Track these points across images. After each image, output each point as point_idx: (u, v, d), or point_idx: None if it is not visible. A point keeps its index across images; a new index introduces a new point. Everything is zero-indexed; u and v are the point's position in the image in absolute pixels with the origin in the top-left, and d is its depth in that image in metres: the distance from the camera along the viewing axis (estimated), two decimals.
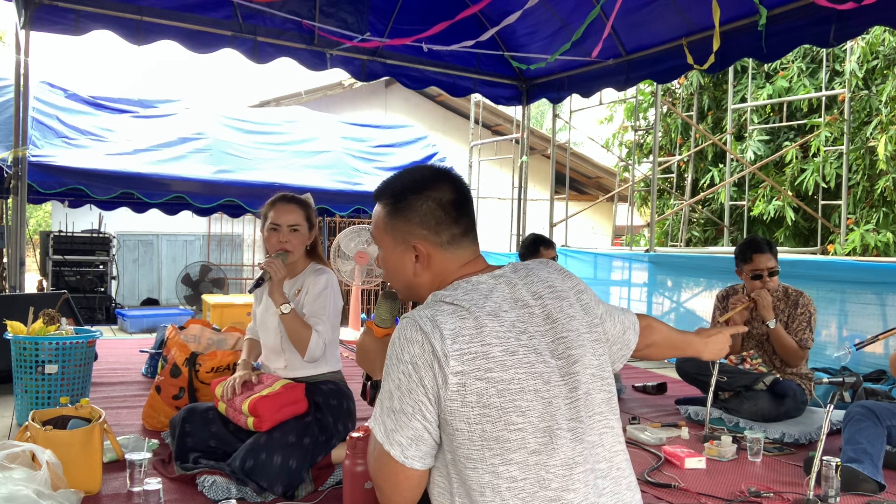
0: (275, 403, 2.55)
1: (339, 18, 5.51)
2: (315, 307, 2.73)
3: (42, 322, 3.36)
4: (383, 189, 1.55)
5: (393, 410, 1.35)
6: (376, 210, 1.55)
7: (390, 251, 1.52)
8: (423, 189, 1.49)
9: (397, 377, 1.35)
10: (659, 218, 9.53)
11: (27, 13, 4.65)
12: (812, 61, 8.55)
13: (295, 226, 2.77)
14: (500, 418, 1.30)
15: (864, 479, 2.64)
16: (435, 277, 1.50)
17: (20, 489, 2.04)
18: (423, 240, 1.48)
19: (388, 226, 1.51)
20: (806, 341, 3.64)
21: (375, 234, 1.56)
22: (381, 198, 1.54)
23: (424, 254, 1.48)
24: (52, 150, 6.13)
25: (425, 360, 1.33)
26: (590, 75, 6.12)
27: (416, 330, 1.34)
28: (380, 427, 1.37)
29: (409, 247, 1.49)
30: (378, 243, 1.55)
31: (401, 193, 1.50)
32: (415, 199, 1.49)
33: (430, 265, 1.49)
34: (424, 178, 1.51)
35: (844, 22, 4.16)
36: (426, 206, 1.48)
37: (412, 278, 1.51)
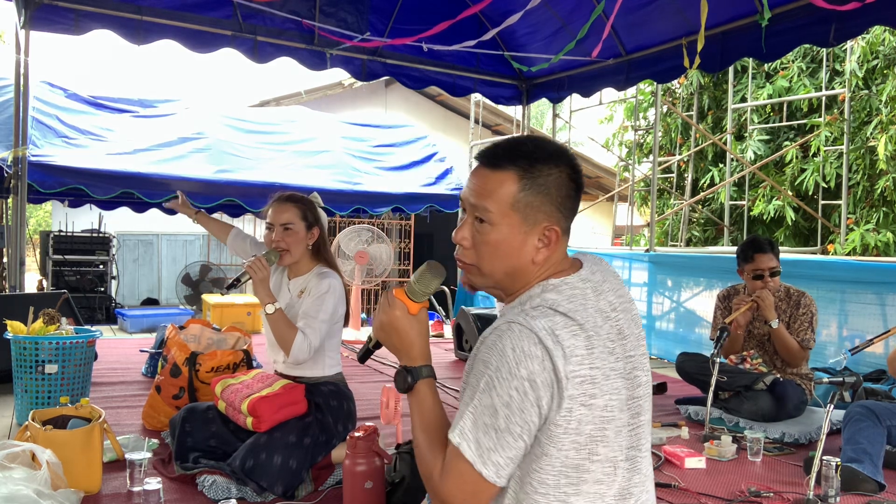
0: (274, 404, 2.55)
1: (339, 18, 5.51)
2: (309, 310, 2.70)
3: (42, 322, 3.36)
4: (512, 152, 1.29)
5: (496, 429, 1.19)
6: (496, 179, 1.28)
7: (513, 230, 1.28)
8: (558, 160, 1.29)
9: (507, 393, 1.18)
10: (659, 218, 9.53)
11: (27, 13, 4.64)
12: (812, 61, 8.55)
13: (288, 224, 2.75)
14: (585, 446, 1.22)
15: (864, 479, 2.64)
16: (546, 265, 1.32)
17: (20, 489, 2.04)
18: (556, 223, 1.29)
19: (522, 200, 1.27)
20: (808, 341, 3.64)
21: (491, 208, 1.28)
22: (510, 162, 1.28)
23: (554, 238, 1.29)
24: (52, 150, 6.12)
25: (545, 378, 1.18)
26: (590, 75, 6.12)
27: (534, 343, 1.18)
28: (471, 445, 1.20)
29: (537, 228, 1.29)
30: (491, 219, 1.29)
31: (538, 160, 1.28)
32: (555, 169, 1.28)
33: (552, 251, 1.31)
34: (560, 152, 1.31)
35: (844, 22, 4.16)
36: (565, 182, 1.29)
37: (526, 265, 1.30)
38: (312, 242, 2.83)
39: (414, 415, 1.35)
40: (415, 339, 1.38)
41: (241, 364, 3.37)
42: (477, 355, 1.25)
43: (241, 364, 3.37)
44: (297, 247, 2.79)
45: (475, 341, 6.12)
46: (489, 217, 1.29)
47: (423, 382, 1.36)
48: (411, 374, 1.36)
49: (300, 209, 2.80)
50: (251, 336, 3.70)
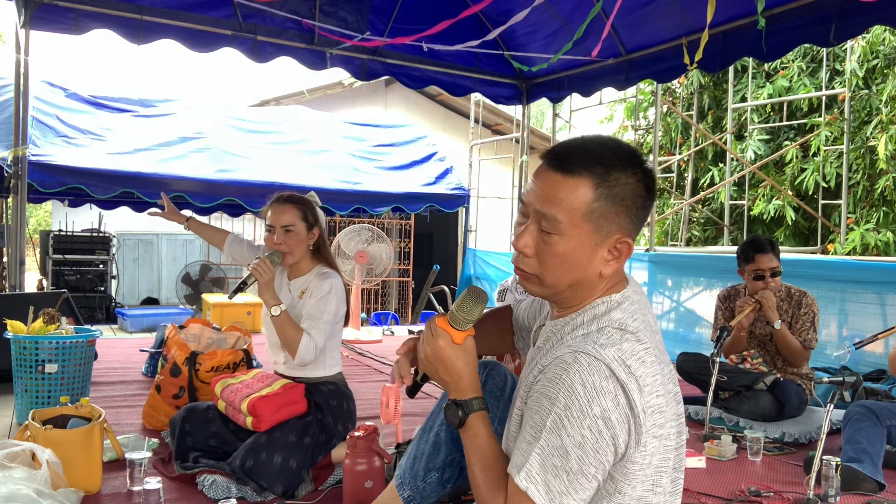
0: (273, 403, 2.55)
1: (339, 18, 5.51)
2: (313, 311, 2.70)
3: (42, 321, 3.36)
4: (587, 156, 1.18)
5: (568, 471, 1.09)
6: (569, 185, 1.17)
7: (583, 241, 1.19)
8: (634, 165, 1.19)
9: (579, 433, 1.09)
10: (659, 217, 9.53)
11: (27, 12, 4.64)
12: (812, 61, 8.55)
13: (289, 226, 2.74)
14: (649, 479, 1.16)
15: (863, 479, 2.64)
16: (610, 278, 1.24)
17: (20, 488, 2.04)
18: (629, 235, 1.20)
19: (596, 210, 1.17)
20: (810, 341, 3.64)
21: (561, 217, 1.18)
22: (588, 169, 1.17)
23: (626, 251, 1.21)
24: (52, 150, 6.13)
25: (620, 415, 1.10)
26: (590, 75, 6.12)
27: (606, 377, 1.10)
28: (540, 488, 1.10)
29: (609, 240, 1.20)
30: (560, 229, 1.18)
31: (613, 167, 1.17)
32: (631, 178, 1.19)
33: (620, 266, 1.23)
34: (635, 157, 1.20)
35: (844, 21, 4.16)
36: (641, 192, 1.19)
37: (593, 278, 1.22)
38: (313, 242, 2.83)
39: (469, 450, 1.26)
40: (462, 369, 1.29)
41: (241, 364, 3.37)
42: (535, 387, 1.17)
43: (241, 364, 3.37)
44: (299, 248, 2.78)
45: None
46: (558, 227, 1.18)
47: (476, 416, 1.27)
48: (462, 408, 1.27)
49: (300, 210, 2.78)
50: (251, 335, 3.70)
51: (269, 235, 2.77)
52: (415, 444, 1.84)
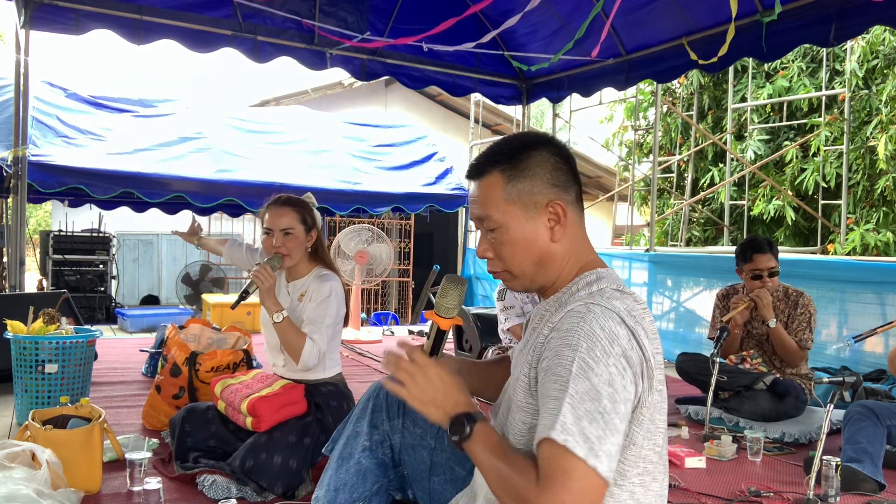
0: (273, 404, 2.55)
1: (339, 18, 5.51)
2: (314, 315, 2.69)
3: (42, 321, 3.36)
4: (489, 157, 1.32)
5: (602, 413, 1.08)
6: (486, 184, 1.31)
7: (519, 221, 1.29)
8: (538, 145, 1.31)
9: (607, 371, 1.10)
10: (659, 217, 9.53)
11: (27, 12, 4.65)
12: (812, 61, 8.55)
13: (288, 229, 2.72)
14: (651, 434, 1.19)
15: (864, 479, 2.64)
16: (572, 245, 1.31)
17: (20, 488, 2.04)
18: (557, 197, 1.29)
19: (513, 191, 1.28)
20: (806, 341, 3.64)
21: (492, 212, 1.30)
22: (491, 165, 1.31)
23: (562, 212, 1.29)
24: (52, 150, 6.13)
25: (636, 357, 1.14)
26: (590, 75, 6.12)
27: (618, 323, 1.15)
28: (578, 439, 1.06)
29: (541, 210, 1.29)
30: (497, 221, 1.30)
31: (516, 152, 1.30)
32: (535, 154, 1.30)
33: (567, 227, 1.30)
34: (532, 137, 1.33)
35: (845, 21, 4.16)
36: (549, 161, 1.30)
37: (549, 246, 1.29)
38: (311, 245, 2.81)
39: (484, 456, 1.21)
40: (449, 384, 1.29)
41: (241, 364, 3.37)
42: (549, 344, 1.18)
43: (241, 364, 3.37)
44: (298, 251, 2.77)
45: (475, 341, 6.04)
46: (494, 221, 1.30)
47: (480, 424, 1.25)
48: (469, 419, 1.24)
49: (299, 213, 2.76)
50: (251, 336, 3.69)
51: (267, 238, 2.75)
52: (332, 474, 1.67)
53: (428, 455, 1.60)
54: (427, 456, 1.59)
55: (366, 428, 1.61)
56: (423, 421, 1.60)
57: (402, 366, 1.30)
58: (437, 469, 1.61)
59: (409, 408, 1.55)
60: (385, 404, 1.62)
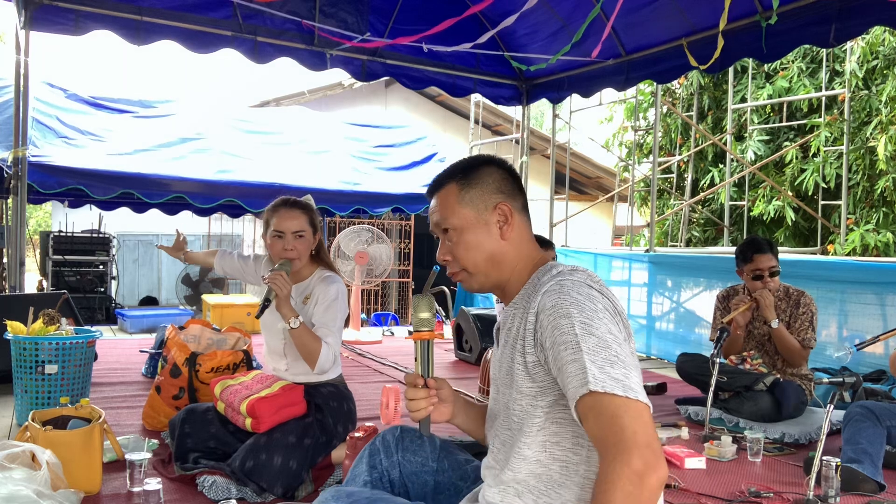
0: (273, 405, 2.55)
1: (339, 18, 5.52)
2: (325, 318, 2.68)
3: (42, 322, 3.36)
4: (446, 173, 1.54)
5: (617, 356, 1.20)
6: (443, 194, 1.51)
7: (471, 223, 1.48)
8: (488, 162, 1.53)
9: (602, 322, 1.25)
10: (659, 218, 9.53)
11: (27, 13, 4.65)
12: (812, 61, 8.55)
13: (300, 232, 2.72)
14: None
15: (863, 479, 2.64)
16: (521, 245, 1.49)
17: (20, 489, 2.04)
18: (504, 201, 1.48)
19: (466, 197, 1.49)
20: (808, 341, 3.64)
21: (449, 216, 1.49)
22: (448, 179, 1.52)
23: (508, 212, 1.47)
24: (52, 150, 6.13)
25: (612, 308, 1.31)
26: (590, 75, 6.12)
27: (587, 286, 1.31)
28: (610, 382, 1.16)
29: (490, 211, 1.48)
30: (454, 224, 1.49)
31: (468, 168, 1.51)
32: (484, 168, 1.51)
33: (514, 227, 1.48)
34: (483, 158, 1.55)
35: (844, 22, 4.16)
36: (496, 173, 1.51)
37: (499, 243, 1.47)
38: (314, 247, 2.82)
39: None
40: None
41: (240, 364, 3.37)
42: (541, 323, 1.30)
43: (240, 364, 3.37)
44: (306, 253, 2.77)
45: (475, 342, 6.07)
46: (449, 224, 1.48)
47: None
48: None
49: (308, 215, 2.76)
50: (251, 336, 3.69)
51: (277, 241, 2.71)
52: None
53: (431, 478, 1.69)
54: (430, 479, 1.69)
55: (364, 468, 1.69)
56: (422, 450, 1.71)
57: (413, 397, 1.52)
58: (441, 487, 1.70)
59: (406, 443, 1.71)
60: (381, 446, 1.71)
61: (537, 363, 1.32)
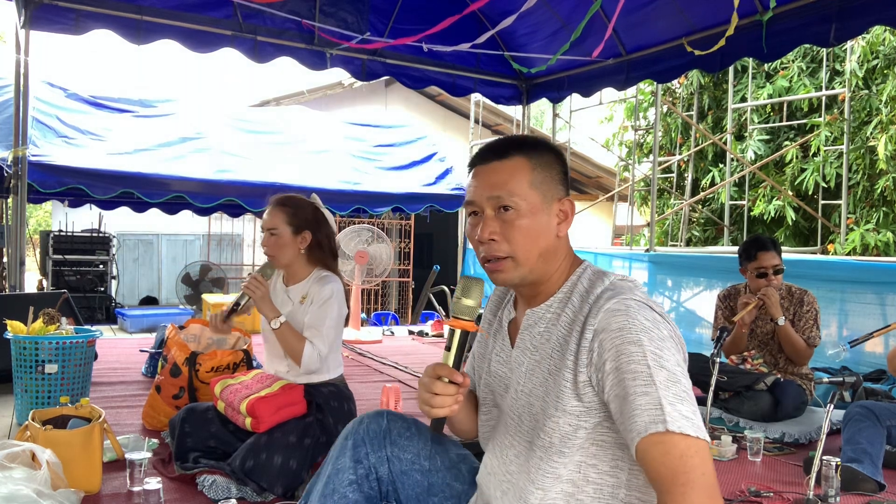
0: (272, 404, 2.54)
1: (339, 18, 5.51)
2: (315, 319, 2.68)
3: (42, 321, 3.36)
4: (512, 142, 1.35)
5: (685, 391, 1.16)
6: (511, 166, 1.32)
7: (536, 209, 1.31)
8: (550, 149, 1.38)
9: (671, 355, 1.18)
10: (659, 218, 9.52)
11: (27, 12, 4.64)
12: (812, 61, 8.55)
13: (272, 229, 2.72)
14: None
15: (863, 479, 2.64)
16: (567, 245, 1.39)
17: (20, 489, 2.04)
18: (567, 195, 1.37)
19: (538, 179, 1.32)
20: (814, 339, 3.63)
21: (516, 192, 1.30)
22: (517, 150, 1.33)
23: (570, 209, 1.37)
24: (52, 150, 6.13)
25: (674, 335, 1.23)
26: (590, 75, 6.12)
27: (650, 310, 1.22)
28: (683, 422, 1.13)
29: (554, 203, 1.34)
30: (518, 204, 1.30)
31: (537, 146, 1.36)
32: (550, 154, 1.37)
33: (569, 225, 1.37)
34: (545, 139, 1.44)
35: (845, 21, 4.16)
36: (559, 165, 1.37)
37: (554, 242, 1.34)
38: (304, 247, 2.76)
39: None
40: None
41: (240, 364, 3.37)
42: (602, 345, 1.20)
43: (240, 364, 3.37)
44: (283, 251, 2.73)
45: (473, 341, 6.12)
46: (514, 202, 1.30)
47: None
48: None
49: (286, 213, 2.73)
50: (251, 336, 3.69)
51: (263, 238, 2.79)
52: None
53: (423, 477, 1.54)
54: (422, 478, 1.54)
55: (349, 463, 1.54)
56: (412, 444, 1.56)
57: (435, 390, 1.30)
58: (435, 489, 1.56)
59: (394, 436, 1.54)
60: (366, 437, 1.55)
61: (587, 383, 1.24)
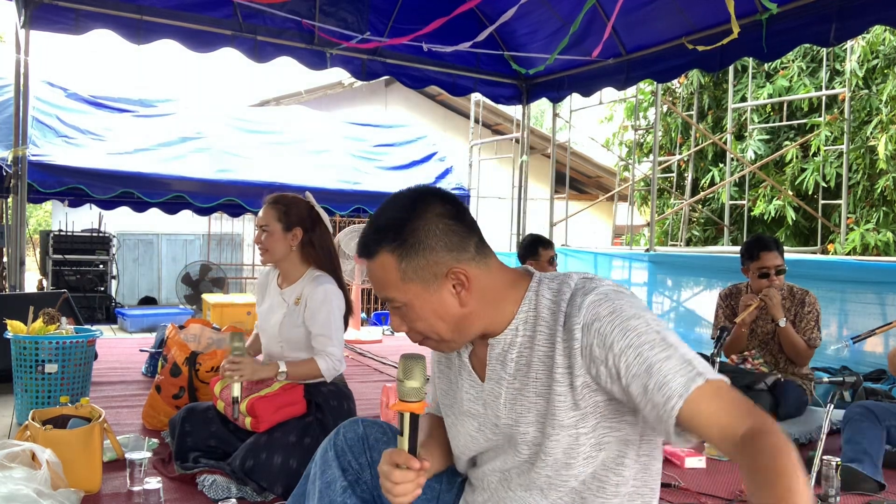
0: (272, 404, 2.54)
1: (339, 18, 5.52)
2: (320, 325, 2.64)
3: (42, 321, 3.36)
4: (376, 236, 1.26)
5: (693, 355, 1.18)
6: (378, 266, 1.25)
7: (423, 298, 1.24)
8: (423, 208, 1.25)
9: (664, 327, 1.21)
10: (659, 217, 9.52)
11: (27, 12, 4.65)
12: (812, 60, 8.55)
13: (264, 226, 2.72)
14: None
15: (863, 479, 2.64)
16: (483, 297, 1.27)
17: (20, 488, 2.04)
18: (456, 264, 1.24)
19: (409, 269, 1.23)
20: (814, 340, 3.62)
21: (394, 293, 1.25)
22: (380, 245, 1.24)
23: (464, 277, 1.24)
24: (52, 150, 6.13)
25: None
26: (590, 75, 6.12)
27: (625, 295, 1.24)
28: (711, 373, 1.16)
29: (442, 279, 1.23)
30: (400, 300, 1.25)
31: (402, 225, 1.24)
32: (422, 221, 1.24)
33: (473, 287, 1.25)
34: (412, 203, 1.26)
35: (845, 21, 4.16)
36: (437, 223, 1.24)
37: (461, 311, 1.26)
38: (296, 244, 2.74)
39: None
40: None
41: None
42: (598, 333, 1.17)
43: None
44: (275, 247, 2.72)
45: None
46: (398, 301, 1.25)
47: None
48: None
49: (277, 210, 2.73)
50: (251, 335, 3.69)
51: None
52: None
53: None
54: None
55: (337, 473, 1.53)
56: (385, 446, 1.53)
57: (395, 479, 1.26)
58: None
59: (371, 441, 1.54)
60: (345, 446, 1.56)
61: (586, 385, 1.20)
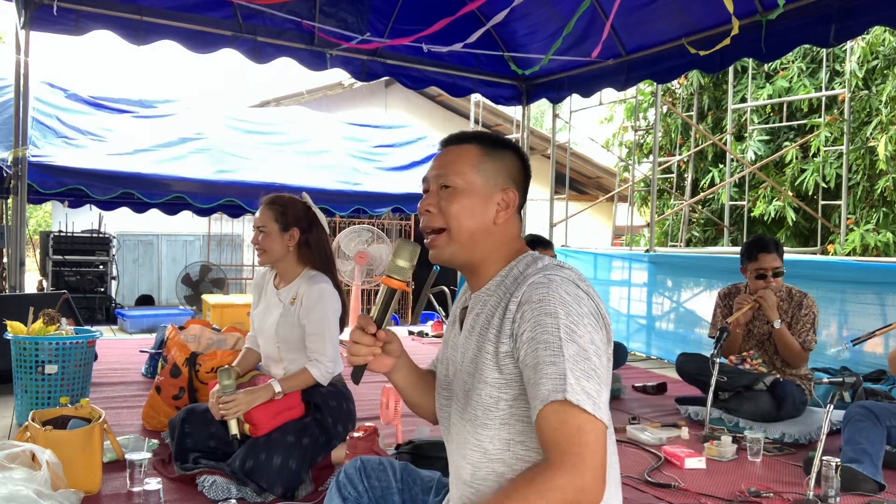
0: (269, 411, 2.53)
1: (339, 18, 5.52)
2: (312, 323, 2.65)
3: (42, 322, 3.36)
4: (472, 134, 1.47)
5: (594, 369, 1.19)
6: (461, 151, 1.43)
7: (475, 190, 1.40)
8: (511, 147, 1.47)
9: (587, 331, 1.22)
10: (659, 218, 9.53)
11: (27, 13, 4.65)
12: (812, 61, 8.55)
13: (261, 227, 2.73)
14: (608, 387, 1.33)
15: (863, 479, 2.64)
16: (505, 233, 1.42)
17: (20, 489, 2.04)
18: (512, 189, 1.43)
19: (482, 164, 1.41)
20: (809, 343, 3.63)
21: (457, 173, 1.40)
22: (472, 139, 1.45)
23: (512, 201, 1.42)
24: (52, 150, 6.13)
25: (597, 313, 1.27)
26: (590, 75, 6.12)
27: (577, 286, 1.27)
28: (582, 396, 1.16)
29: (496, 192, 1.41)
30: (458, 183, 1.40)
31: (495, 141, 1.46)
32: (508, 150, 1.46)
33: (509, 217, 1.42)
34: (510, 141, 1.50)
35: (844, 22, 4.16)
36: (517, 162, 1.46)
37: (488, 223, 1.40)
38: (293, 244, 2.75)
39: None
40: None
41: None
42: (524, 316, 1.25)
43: None
44: (272, 248, 2.72)
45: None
46: (454, 180, 1.40)
47: None
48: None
49: (274, 211, 2.74)
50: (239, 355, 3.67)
51: None
52: None
53: (399, 498, 1.67)
54: (399, 499, 1.67)
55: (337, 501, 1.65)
56: (385, 475, 1.69)
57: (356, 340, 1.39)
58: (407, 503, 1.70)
59: (368, 470, 1.68)
60: (345, 479, 1.68)
61: (508, 354, 1.29)
